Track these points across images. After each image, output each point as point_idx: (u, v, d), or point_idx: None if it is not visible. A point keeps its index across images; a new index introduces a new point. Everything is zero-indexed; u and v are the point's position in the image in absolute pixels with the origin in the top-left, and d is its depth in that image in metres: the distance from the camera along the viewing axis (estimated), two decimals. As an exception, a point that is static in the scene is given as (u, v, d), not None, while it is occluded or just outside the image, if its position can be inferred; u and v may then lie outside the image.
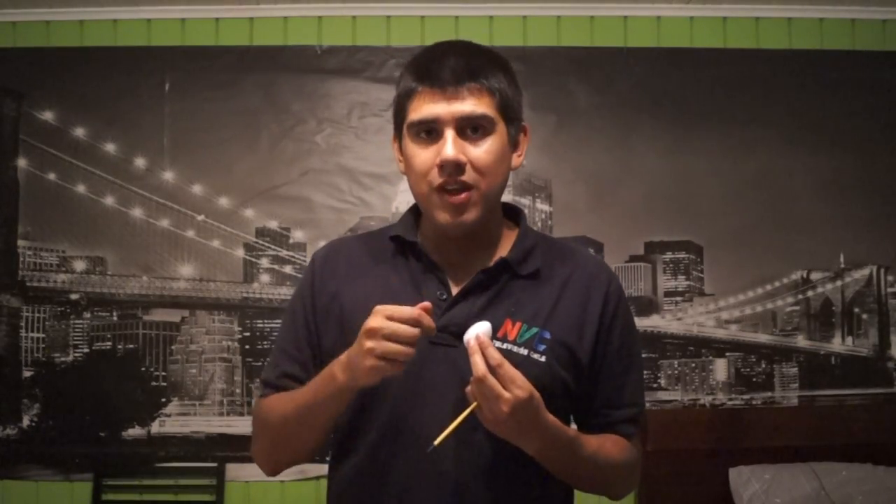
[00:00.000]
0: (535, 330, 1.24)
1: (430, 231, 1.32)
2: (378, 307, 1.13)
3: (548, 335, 1.24)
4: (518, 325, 1.24)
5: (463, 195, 1.21)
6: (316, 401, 1.21)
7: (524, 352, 1.23)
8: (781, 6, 3.26)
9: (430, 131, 1.22)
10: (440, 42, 1.30)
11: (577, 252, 1.39)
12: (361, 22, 3.25)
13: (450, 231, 1.25)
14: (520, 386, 1.10)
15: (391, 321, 1.10)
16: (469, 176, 1.21)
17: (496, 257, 1.28)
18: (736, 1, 3.23)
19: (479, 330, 1.13)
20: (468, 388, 1.13)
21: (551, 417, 1.16)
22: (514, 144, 1.29)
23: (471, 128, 1.22)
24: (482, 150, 1.22)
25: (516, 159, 1.30)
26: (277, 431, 1.29)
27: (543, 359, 1.23)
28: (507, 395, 1.09)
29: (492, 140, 1.23)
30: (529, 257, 1.30)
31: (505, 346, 1.22)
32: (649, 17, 3.28)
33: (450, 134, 1.20)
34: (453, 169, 1.20)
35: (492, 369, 1.09)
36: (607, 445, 1.28)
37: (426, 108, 1.21)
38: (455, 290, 1.27)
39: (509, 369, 1.10)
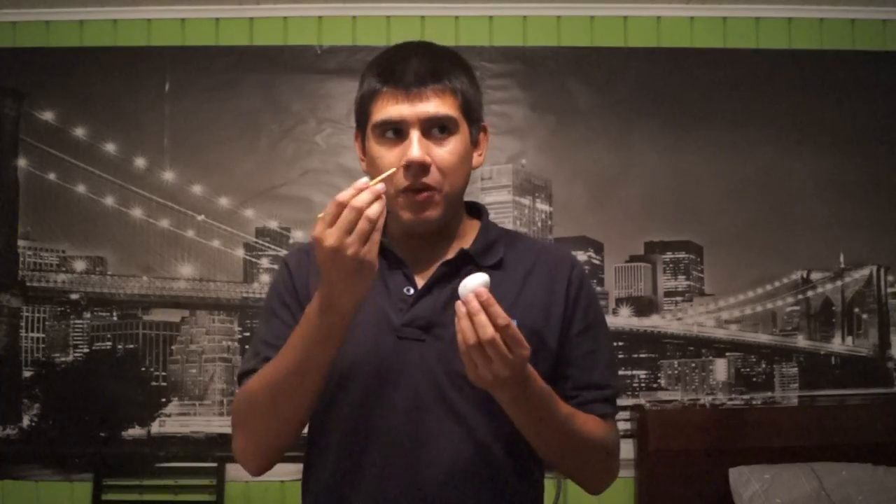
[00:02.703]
0: None
1: (394, 229, 1.33)
2: (314, 234, 1.10)
3: (514, 321, 1.22)
4: None
5: (426, 193, 1.23)
6: (306, 353, 1.16)
7: None
8: (781, 6, 3.26)
9: (396, 131, 1.24)
10: (402, 43, 1.32)
11: (540, 243, 1.44)
12: (361, 22, 3.25)
13: (413, 228, 1.27)
14: (524, 346, 1.08)
15: (329, 232, 1.08)
16: (433, 178, 1.23)
17: (458, 249, 1.30)
18: (736, 1, 3.23)
19: (477, 282, 1.06)
20: (461, 341, 1.07)
21: (531, 368, 1.14)
22: (474, 143, 1.31)
23: (436, 128, 1.24)
24: (446, 151, 1.24)
25: (477, 158, 1.33)
26: (263, 406, 1.23)
27: None
28: (510, 356, 1.06)
29: (455, 140, 1.25)
30: (492, 248, 1.32)
31: None
32: (649, 17, 3.28)
33: (415, 135, 1.22)
34: (419, 170, 1.22)
35: (497, 329, 1.05)
36: (581, 416, 1.26)
37: (391, 108, 1.23)
38: (420, 284, 1.28)
39: (517, 331, 1.07)
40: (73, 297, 3.14)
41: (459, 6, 3.23)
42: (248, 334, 3.14)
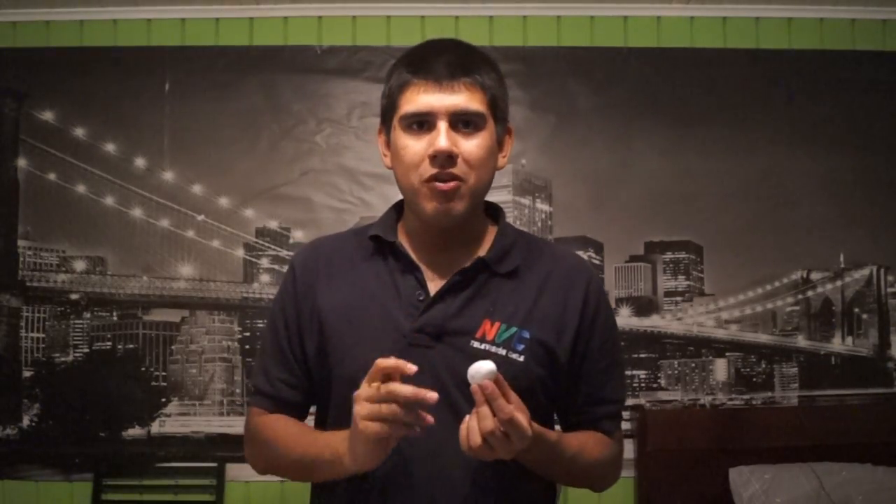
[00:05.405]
0: (514, 330, 1.24)
1: (412, 228, 1.32)
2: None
3: (527, 335, 1.24)
4: (497, 324, 1.24)
5: (452, 183, 1.22)
6: (318, 465, 1.22)
7: (503, 352, 1.23)
8: (781, 6, 3.26)
9: (422, 123, 1.23)
10: (432, 39, 1.32)
11: (556, 250, 1.41)
12: (361, 22, 3.25)
13: (436, 221, 1.25)
14: (526, 435, 1.09)
15: (368, 389, 1.07)
16: (459, 169, 1.22)
17: (474, 256, 1.28)
18: (736, 1, 3.23)
19: (483, 373, 1.08)
20: (462, 428, 1.11)
21: (538, 428, 1.16)
22: (500, 144, 1.30)
23: (462, 122, 1.23)
24: (473, 145, 1.23)
25: (501, 160, 1.32)
26: (276, 463, 1.32)
27: (522, 358, 1.24)
28: (512, 446, 1.09)
29: (482, 136, 1.24)
30: (508, 255, 1.30)
31: (483, 346, 1.23)
32: (649, 17, 3.28)
33: (443, 126, 1.21)
34: (445, 160, 1.21)
35: (501, 422, 1.07)
36: (589, 444, 1.29)
37: (420, 99, 1.22)
38: (433, 290, 1.27)
39: (519, 422, 1.08)
40: (73, 297, 3.14)
41: (459, 6, 3.23)
42: (248, 334, 3.14)
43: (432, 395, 1.05)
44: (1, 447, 3.08)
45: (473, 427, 1.09)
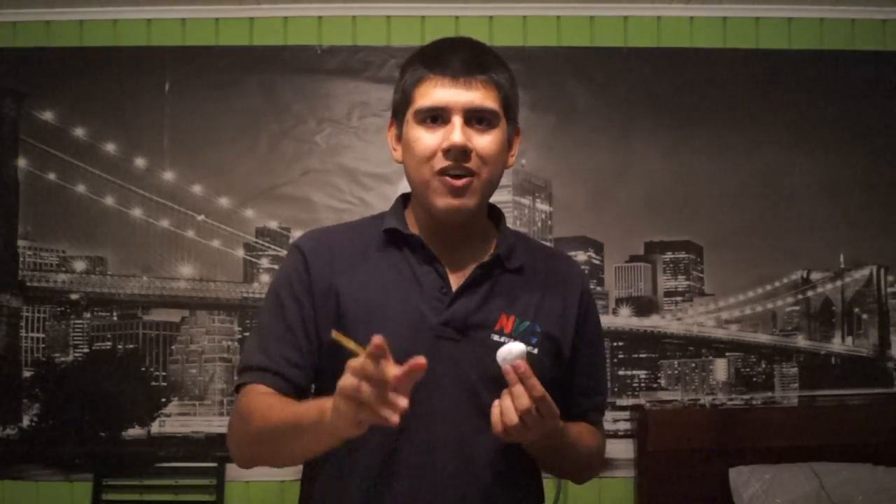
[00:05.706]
0: (527, 324, 1.29)
1: (421, 222, 1.33)
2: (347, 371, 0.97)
3: (539, 328, 1.29)
4: (512, 318, 1.28)
5: (465, 179, 1.23)
6: (299, 428, 1.10)
7: None
8: (781, 6, 3.26)
9: (435, 118, 1.24)
10: (447, 37, 1.33)
11: (549, 250, 1.50)
12: (361, 22, 3.25)
13: (447, 216, 1.26)
14: (555, 414, 1.14)
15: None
16: (473, 163, 1.23)
17: (487, 251, 1.32)
18: (736, 1, 3.23)
19: (515, 353, 1.12)
20: (494, 409, 1.13)
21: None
22: (509, 143, 1.32)
23: (476, 119, 1.24)
24: (487, 141, 1.25)
25: (510, 159, 1.33)
26: (254, 437, 1.20)
27: (536, 351, 1.27)
28: (545, 423, 1.12)
29: (495, 133, 1.26)
30: (514, 252, 1.34)
31: (503, 339, 1.26)
32: (649, 17, 3.28)
33: (458, 121, 1.23)
34: (459, 154, 1.22)
35: (533, 400, 1.11)
36: (584, 433, 1.35)
37: (436, 94, 1.23)
38: (454, 283, 1.29)
39: (550, 401, 1.12)
40: (73, 297, 3.14)
41: (459, 6, 3.23)
42: (247, 334, 3.14)
43: (420, 362, 0.95)
44: (1, 447, 3.08)
45: (508, 406, 1.11)
